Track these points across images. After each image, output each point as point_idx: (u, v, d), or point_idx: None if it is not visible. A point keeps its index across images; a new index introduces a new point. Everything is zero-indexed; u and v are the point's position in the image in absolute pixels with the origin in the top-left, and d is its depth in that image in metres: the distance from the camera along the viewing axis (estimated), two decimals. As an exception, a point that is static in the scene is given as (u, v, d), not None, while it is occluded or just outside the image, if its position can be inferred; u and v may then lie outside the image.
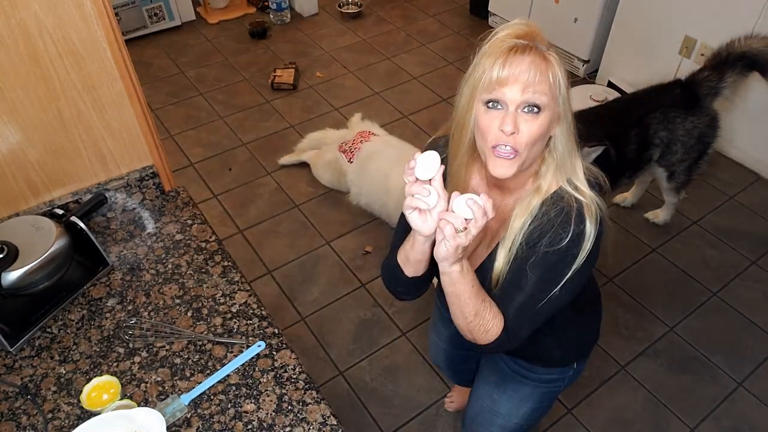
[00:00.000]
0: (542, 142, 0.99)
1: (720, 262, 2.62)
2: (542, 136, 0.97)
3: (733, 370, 2.23)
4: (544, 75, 0.93)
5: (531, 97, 0.93)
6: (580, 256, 1.01)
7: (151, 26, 3.95)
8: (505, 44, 0.93)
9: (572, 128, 1.00)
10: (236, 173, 3.03)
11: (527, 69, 0.92)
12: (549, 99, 0.94)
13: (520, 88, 0.93)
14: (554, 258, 1.01)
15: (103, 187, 1.48)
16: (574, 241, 1.00)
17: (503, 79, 0.93)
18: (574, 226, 0.99)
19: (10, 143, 1.30)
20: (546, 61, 0.93)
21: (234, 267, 1.41)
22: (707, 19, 2.86)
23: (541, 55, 0.93)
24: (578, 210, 1.00)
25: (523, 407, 1.42)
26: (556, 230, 1.00)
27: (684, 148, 2.33)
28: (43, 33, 1.21)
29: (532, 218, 1.02)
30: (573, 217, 0.99)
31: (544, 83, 0.93)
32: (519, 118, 0.95)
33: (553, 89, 0.94)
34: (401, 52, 3.91)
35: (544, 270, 1.03)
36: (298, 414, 1.15)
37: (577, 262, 1.01)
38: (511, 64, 0.92)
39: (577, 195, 1.01)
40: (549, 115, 0.96)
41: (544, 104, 0.94)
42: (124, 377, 1.20)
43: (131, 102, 1.40)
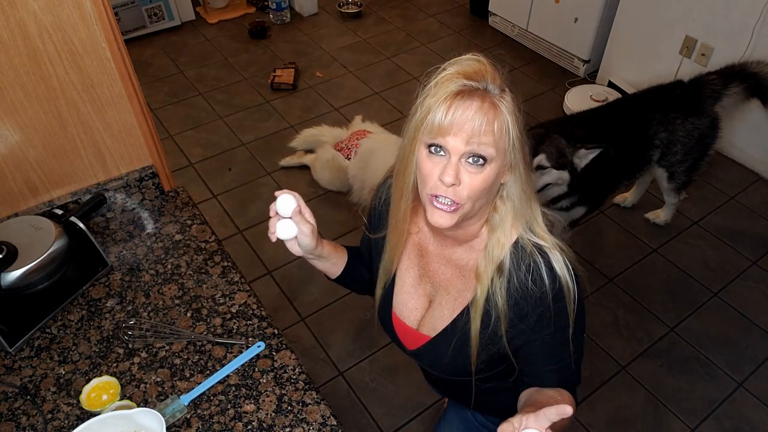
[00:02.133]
0: (490, 193, 0.91)
1: (720, 263, 2.61)
2: (487, 188, 0.89)
3: (733, 370, 2.23)
4: (490, 125, 0.84)
5: (476, 148, 0.85)
6: (570, 307, 0.94)
7: (151, 26, 3.94)
8: (451, 86, 0.85)
9: (528, 174, 0.92)
10: (236, 173, 3.03)
11: (473, 118, 0.84)
12: (496, 150, 0.86)
13: (464, 138, 0.85)
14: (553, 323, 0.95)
15: (102, 188, 1.48)
16: (558, 298, 0.94)
17: (446, 127, 0.85)
18: (549, 281, 0.93)
19: (10, 143, 1.30)
20: (494, 108, 0.85)
21: (234, 267, 1.41)
22: (708, 19, 2.86)
23: (490, 101, 0.85)
24: (545, 261, 0.93)
25: None
26: (532, 289, 0.93)
27: (684, 149, 2.32)
28: (42, 33, 1.21)
29: (505, 276, 0.94)
30: (543, 271, 0.93)
31: (491, 134, 0.85)
32: (462, 168, 0.87)
33: (501, 139, 0.86)
34: (401, 52, 3.91)
35: (555, 338, 0.96)
36: (298, 414, 1.14)
37: (571, 314, 0.95)
38: (455, 111, 0.84)
39: (539, 241, 0.94)
40: (496, 166, 0.88)
41: (490, 156, 0.86)
42: (123, 378, 1.20)
43: (131, 102, 1.40)
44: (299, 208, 0.99)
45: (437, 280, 1.06)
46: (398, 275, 1.10)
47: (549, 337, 0.96)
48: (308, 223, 1.00)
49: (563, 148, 1.99)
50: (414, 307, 1.10)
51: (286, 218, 1.00)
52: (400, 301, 1.11)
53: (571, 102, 3.29)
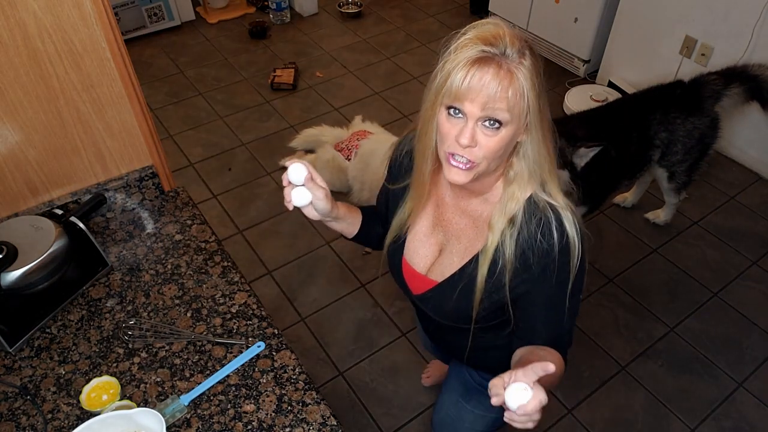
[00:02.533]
0: (504, 153, 0.95)
1: (720, 263, 2.61)
2: (502, 149, 0.93)
3: (733, 370, 2.23)
4: (506, 91, 0.88)
5: (491, 113, 0.89)
6: (573, 263, 0.99)
7: (151, 26, 3.94)
8: (469, 52, 0.88)
9: (547, 135, 0.95)
10: (236, 173, 3.03)
11: (489, 84, 0.87)
12: (511, 115, 0.90)
13: (481, 104, 0.89)
14: (556, 276, 1.00)
15: (102, 188, 1.48)
16: (564, 252, 0.98)
17: (463, 93, 0.89)
18: (557, 236, 0.98)
19: (10, 143, 1.30)
20: (510, 74, 0.88)
21: (234, 267, 1.41)
22: (707, 19, 2.86)
23: (507, 68, 0.88)
24: (556, 218, 0.98)
25: (487, 417, 1.41)
26: (540, 242, 0.98)
27: (684, 149, 2.32)
28: (42, 33, 1.21)
29: (516, 228, 0.99)
30: (553, 226, 0.98)
31: (506, 100, 0.88)
32: (478, 131, 0.92)
33: (516, 105, 0.89)
34: (401, 52, 3.90)
35: (555, 291, 1.01)
36: (298, 414, 1.14)
37: (573, 271, 1.00)
38: (472, 78, 0.88)
39: (551, 200, 0.99)
40: (512, 129, 0.92)
41: (505, 120, 0.90)
42: (123, 378, 1.20)
43: (130, 102, 1.40)
44: (310, 176, 1.03)
45: (450, 229, 1.10)
46: (413, 226, 1.15)
47: (549, 289, 1.02)
48: (321, 188, 1.05)
49: (563, 148, 1.99)
50: (425, 255, 1.14)
51: (300, 186, 1.03)
52: (412, 249, 1.16)
53: (571, 102, 3.29)
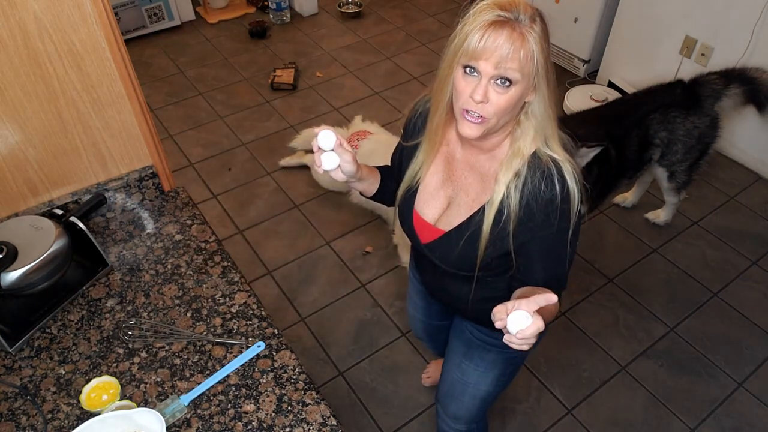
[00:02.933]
0: (513, 111, 1.03)
1: (720, 263, 2.61)
2: (511, 106, 1.02)
3: (733, 370, 2.23)
4: (517, 52, 0.96)
5: (503, 72, 0.98)
6: (573, 211, 1.07)
7: (151, 26, 3.94)
8: (486, 15, 0.97)
9: (551, 96, 1.03)
10: (236, 173, 3.03)
11: (502, 44, 0.96)
12: (521, 74, 0.98)
13: (494, 63, 0.97)
14: (557, 223, 1.07)
15: (102, 188, 1.48)
16: (565, 201, 1.06)
17: (479, 52, 0.97)
18: (559, 187, 1.05)
19: (10, 143, 1.30)
20: (522, 37, 0.96)
21: (233, 267, 1.41)
22: (707, 19, 2.86)
23: (519, 31, 0.96)
24: (558, 170, 1.06)
25: (489, 374, 1.44)
26: (543, 192, 1.06)
27: (684, 149, 2.32)
28: (42, 33, 1.21)
29: (521, 180, 1.07)
30: (555, 177, 1.05)
31: (517, 60, 0.96)
32: (490, 88, 1.00)
33: (527, 65, 0.97)
34: (401, 52, 3.90)
35: (557, 237, 1.09)
36: (298, 414, 1.14)
37: (573, 219, 1.08)
38: (488, 39, 0.96)
39: (553, 154, 1.07)
40: (521, 88, 1.00)
41: (515, 79, 0.98)
42: (123, 378, 1.20)
43: (130, 102, 1.40)
44: (339, 141, 1.11)
45: (459, 184, 1.18)
46: (424, 179, 1.22)
47: (551, 236, 1.09)
48: (348, 152, 1.13)
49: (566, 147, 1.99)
50: (434, 207, 1.21)
51: (329, 151, 1.11)
52: (422, 200, 1.23)
53: (571, 102, 3.29)
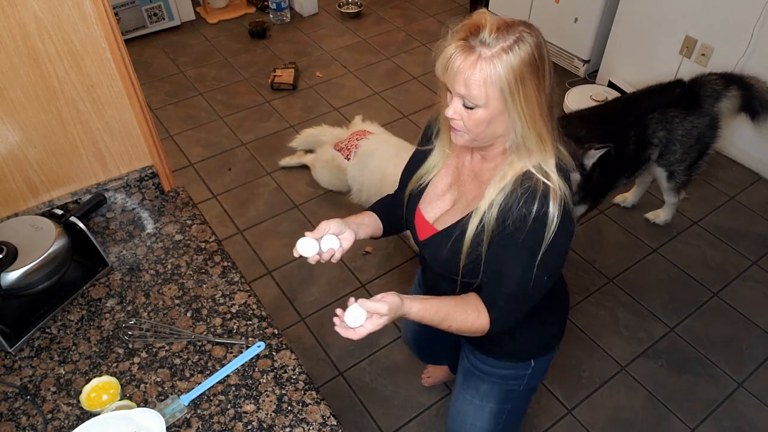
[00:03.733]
0: (488, 129, 1.05)
1: (720, 263, 2.61)
2: (482, 126, 1.04)
3: (733, 370, 2.23)
4: (478, 78, 0.97)
5: (465, 95, 1.00)
6: (546, 235, 1.05)
7: (151, 26, 3.94)
8: (456, 39, 1.01)
9: (538, 118, 1.03)
10: (236, 173, 3.03)
11: (463, 69, 0.98)
12: (485, 98, 0.99)
13: (461, 85, 1.00)
14: (523, 238, 1.06)
15: (102, 188, 1.48)
16: (539, 221, 1.05)
17: (447, 75, 1.02)
18: (537, 206, 1.05)
19: (10, 143, 1.30)
20: (485, 63, 0.97)
21: (234, 267, 1.41)
22: (707, 19, 2.86)
23: (483, 56, 0.97)
24: (543, 192, 1.05)
25: (485, 407, 1.43)
26: (520, 208, 1.05)
27: (683, 148, 2.32)
28: (42, 33, 1.21)
29: (505, 195, 1.08)
30: (537, 197, 1.05)
31: (478, 86, 0.98)
32: (460, 106, 1.04)
33: (490, 90, 0.98)
34: (401, 52, 3.91)
35: (517, 252, 1.08)
36: (298, 414, 1.14)
37: (544, 243, 1.06)
38: (453, 61, 0.99)
39: (544, 179, 1.06)
40: (486, 112, 1.01)
41: (476, 103, 1.01)
42: (123, 378, 1.20)
43: (130, 102, 1.40)
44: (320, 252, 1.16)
45: (463, 189, 1.21)
46: (433, 180, 1.26)
47: (513, 250, 1.08)
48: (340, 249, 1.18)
49: (574, 151, 1.99)
50: (437, 207, 1.24)
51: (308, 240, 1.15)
52: (427, 201, 1.26)
53: (571, 102, 3.29)
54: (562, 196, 1.06)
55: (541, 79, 1.01)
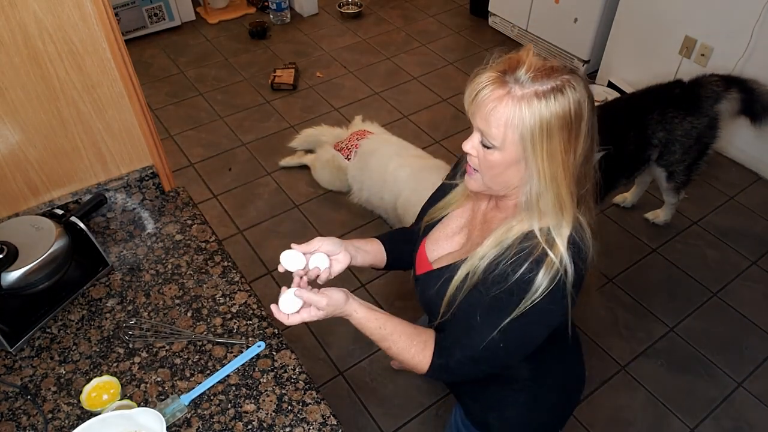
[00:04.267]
0: (502, 176, 0.97)
1: (720, 263, 2.62)
2: (495, 169, 0.96)
3: (733, 370, 2.23)
4: (501, 117, 0.90)
5: (484, 131, 0.93)
6: (522, 304, 0.95)
7: (151, 26, 3.95)
8: (489, 71, 0.92)
9: (562, 182, 0.94)
10: (236, 173, 3.03)
11: (488, 103, 0.91)
12: (502, 140, 0.91)
13: (482, 119, 0.93)
14: (498, 296, 0.97)
15: (102, 188, 1.48)
16: (520, 286, 0.95)
17: (470, 104, 0.95)
18: (525, 269, 0.94)
19: (10, 143, 1.30)
20: (513, 102, 0.89)
21: (234, 267, 1.41)
22: (707, 19, 2.86)
23: (512, 95, 0.89)
24: (538, 258, 0.94)
25: None
26: (506, 266, 0.96)
27: (682, 149, 2.33)
28: (42, 33, 1.21)
29: (500, 249, 0.99)
30: (529, 261, 0.95)
31: (497, 126, 0.91)
32: (479, 143, 0.96)
33: (509, 133, 0.90)
34: (401, 52, 3.91)
35: (487, 303, 0.99)
36: (298, 414, 1.15)
37: (518, 310, 0.95)
38: (480, 94, 0.92)
39: (546, 246, 0.95)
40: (502, 156, 0.94)
41: (493, 143, 0.93)
42: (124, 377, 1.20)
43: (131, 102, 1.40)
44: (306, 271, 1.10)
45: (472, 233, 1.14)
46: (446, 219, 1.19)
47: (481, 300, 0.99)
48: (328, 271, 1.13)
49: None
50: (441, 246, 1.17)
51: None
52: (435, 238, 1.19)
53: (570, 102, 3.29)
54: (558, 272, 0.93)
55: (573, 139, 0.91)
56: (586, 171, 0.97)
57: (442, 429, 2.08)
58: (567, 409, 1.30)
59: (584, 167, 0.96)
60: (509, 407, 1.21)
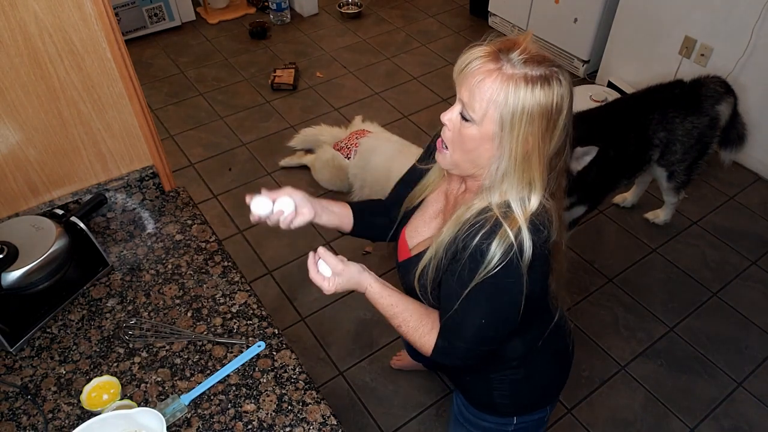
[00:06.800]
0: (475, 152, 0.97)
1: (720, 262, 2.62)
2: (468, 143, 0.96)
3: (733, 370, 2.23)
4: (486, 92, 0.90)
5: (467, 102, 0.94)
6: (478, 274, 0.96)
7: (151, 26, 3.95)
8: (483, 47, 0.94)
9: (532, 164, 0.94)
10: (236, 173, 3.03)
11: (477, 74, 0.91)
12: (481, 116, 0.92)
13: (466, 90, 0.94)
14: (458, 269, 0.99)
15: (103, 188, 1.48)
16: (473, 256, 0.96)
17: (458, 73, 0.95)
18: (477, 241, 0.95)
19: (10, 143, 1.30)
20: (501, 78, 0.89)
21: (234, 267, 1.41)
22: (707, 19, 2.86)
23: (503, 72, 0.90)
24: (491, 229, 0.95)
25: None
26: (461, 240, 0.98)
27: (683, 149, 2.33)
28: (43, 33, 1.21)
29: (458, 225, 1.00)
30: (482, 232, 0.96)
31: (480, 100, 0.91)
32: (458, 116, 0.97)
33: (490, 110, 0.91)
34: (401, 52, 3.91)
35: (453, 282, 1.01)
36: (298, 414, 1.15)
37: (475, 279, 0.97)
38: (471, 65, 0.93)
39: (501, 218, 0.96)
40: (480, 131, 0.94)
41: (470, 117, 0.94)
42: (124, 377, 1.20)
43: (131, 102, 1.40)
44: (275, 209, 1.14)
45: (447, 218, 1.13)
46: (424, 204, 1.22)
47: (451, 280, 1.02)
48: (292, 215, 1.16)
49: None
50: (420, 233, 1.19)
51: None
52: (414, 225, 1.21)
53: (570, 102, 3.29)
54: (512, 246, 0.94)
55: (550, 130, 0.92)
56: (556, 164, 0.98)
57: (442, 429, 2.08)
58: (556, 381, 1.34)
59: (555, 160, 0.97)
60: (510, 383, 1.24)
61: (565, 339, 1.30)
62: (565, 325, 1.29)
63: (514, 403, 1.28)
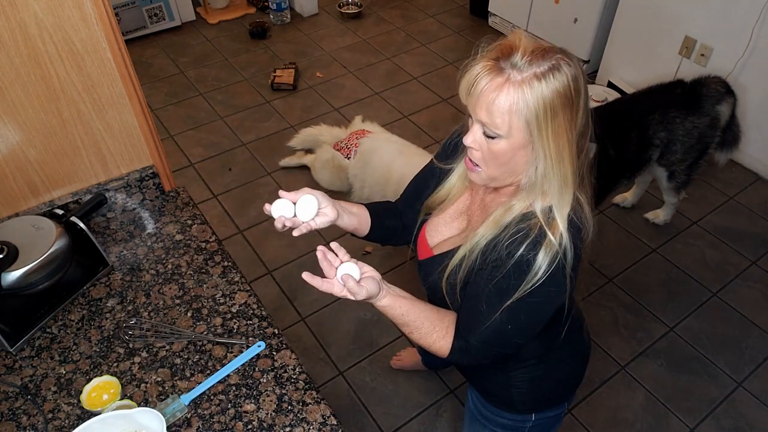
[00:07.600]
0: (507, 163, 0.96)
1: (720, 262, 2.62)
2: (500, 158, 0.95)
3: (733, 370, 2.23)
4: (504, 105, 0.88)
5: (487, 122, 0.91)
6: (523, 286, 0.95)
7: (151, 26, 3.95)
8: (482, 60, 0.91)
9: (565, 159, 0.93)
10: (236, 173, 3.03)
11: (489, 93, 0.89)
12: (508, 128, 0.90)
13: (483, 110, 0.91)
14: (499, 281, 0.98)
15: (103, 188, 1.48)
16: (519, 267, 0.95)
17: (468, 96, 0.93)
18: (523, 250, 0.94)
19: (10, 143, 1.30)
20: (514, 88, 0.88)
21: (234, 267, 1.41)
22: (707, 19, 2.86)
23: (511, 80, 0.88)
24: (536, 238, 0.94)
25: None
26: (503, 248, 0.96)
27: (684, 148, 2.33)
28: (43, 33, 1.21)
29: (498, 230, 0.99)
30: (527, 242, 0.94)
31: (501, 114, 0.89)
32: (481, 135, 0.95)
33: (514, 120, 0.89)
34: (401, 52, 3.91)
35: (490, 287, 0.99)
36: (298, 414, 1.15)
37: (519, 292, 0.95)
38: (476, 84, 0.90)
39: (546, 226, 0.94)
40: (508, 143, 0.92)
41: (496, 133, 0.92)
42: (124, 377, 1.20)
43: (131, 102, 1.40)
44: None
45: (472, 218, 1.14)
46: (445, 205, 1.18)
47: (484, 286, 1.00)
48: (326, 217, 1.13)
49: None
50: (441, 232, 1.17)
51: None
52: (434, 224, 1.19)
53: (570, 102, 3.28)
54: (557, 254, 0.93)
55: (574, 113, 0.91)
56: (582, 145, 0.97)
57: (442, 429, 2.08)
58: (574, 377, 1.34)
59: (581, 141, 0.96)
60: (530, 381, 1.23)
61: (581, 333, 1.29)
62: (581, 319, 1.28)
63: (533, 400, 1.27)
